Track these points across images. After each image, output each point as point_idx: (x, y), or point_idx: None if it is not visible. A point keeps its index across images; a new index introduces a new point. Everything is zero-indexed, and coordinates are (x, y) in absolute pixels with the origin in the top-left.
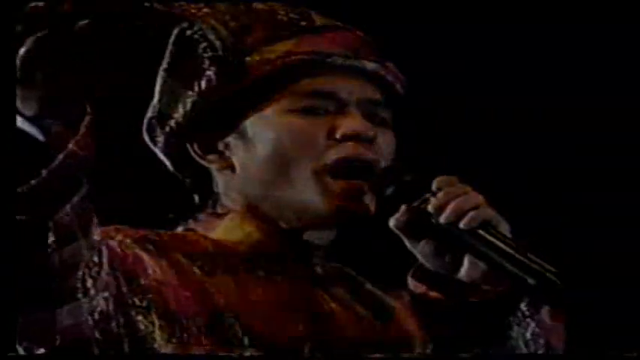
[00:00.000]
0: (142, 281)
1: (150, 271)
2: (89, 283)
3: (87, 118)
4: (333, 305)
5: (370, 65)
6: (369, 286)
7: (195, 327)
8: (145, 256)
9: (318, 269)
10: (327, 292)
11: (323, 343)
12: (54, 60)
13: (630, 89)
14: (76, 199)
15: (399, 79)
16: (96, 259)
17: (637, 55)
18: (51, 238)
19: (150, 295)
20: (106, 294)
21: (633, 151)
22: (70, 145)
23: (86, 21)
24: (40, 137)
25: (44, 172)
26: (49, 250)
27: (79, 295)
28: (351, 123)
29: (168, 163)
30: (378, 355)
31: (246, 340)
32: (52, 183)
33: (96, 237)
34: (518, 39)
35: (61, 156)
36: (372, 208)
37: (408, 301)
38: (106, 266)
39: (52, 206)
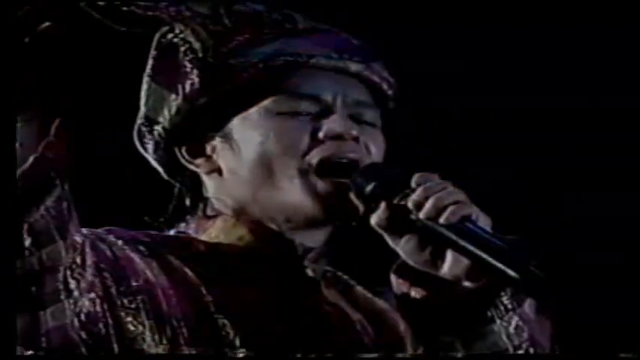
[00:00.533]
0: (132, 282)
1: (141, 273)
2: (72, 284)
3: (57, 120)
4: (326, 307)
5: (354, 66)
6: (359, 288)
7: (186, 328)
8: (136, 258)
9: (310, 271)
10: (319, 293)
11: (315, 344)
12: (23, 61)
13: (626, 89)
14: (49, 201)
15: (386, 80)
16: (78, 260)
17: (632, 56)
18: (27, 241)
19: (140, 297)
20: (92, 295)
21: (625, 150)
22: (41, 148)
23: (49, 23)
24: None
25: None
26: (25, 252)
27: (62, 297)
28: (333, 123)
29: (160, 169)
30: (371, 355)
31: (237, 341)
32: (23, 186)
33: (77, 238)
34: (513, 39)
35: (31, 158)
36: (361, 206)
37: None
38: (91, 267)
39: (24, 207)
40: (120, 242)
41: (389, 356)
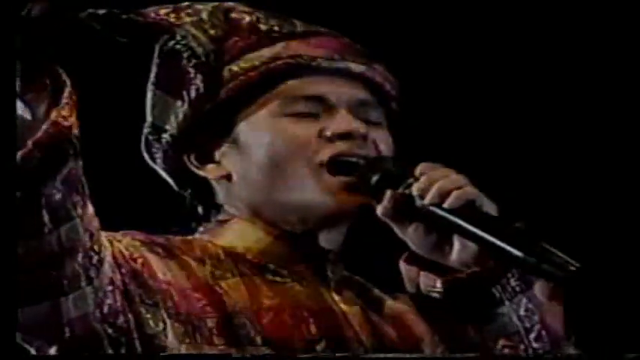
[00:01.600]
0: (150, 282)
1: (159, 274)
2: (92, 271)
3: (67, 90)
4: (344, 307)
5: (356, 67)
6: (377, 291)
7: (207, 328)
8: (154, 259)
9: (329, 273)
10: (337, 294)
11: (334, 343)
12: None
13: (629, 87)
14: (64, 171)
15: (389, 80)
16: (96, 247)
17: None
18: (45, 217)
19: (159, 296)
20: (111, 287)
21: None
22: (53, 116)
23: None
24: (26, 115)
25: (29, 143)
26: (44, 230)
27: (83, 284)
28: (341, 123)
29: (170, 180)
30: (389, 355)
31: (258, 340)
32: (38, 154)
33: (93, 223)
34: (517, 33)
35: (44, 126)
36: (373, 202)
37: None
38: (109, 258)
39: (40, 178)
40: (137, 243)
41: (403, 356)
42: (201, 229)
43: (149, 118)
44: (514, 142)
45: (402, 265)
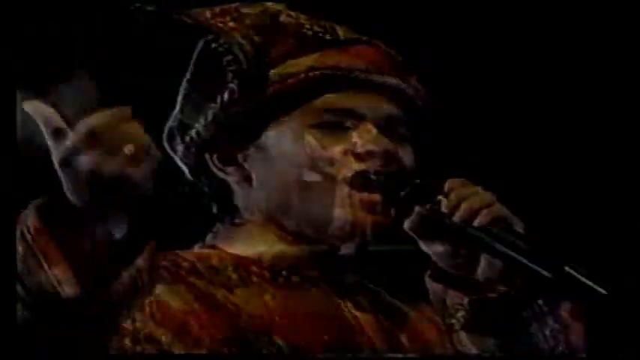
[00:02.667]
0: (166, 321)
1: (172, 303)
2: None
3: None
4: (357, 313)
5: (391, 80)
6: (390, 298)
7: (227, 347)
8: (163, 290)
9: (342, 279)
10: (351, 300)
11: (347, 350)
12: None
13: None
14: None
15: (420, 94)
16: None
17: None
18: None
19: (176, 329)
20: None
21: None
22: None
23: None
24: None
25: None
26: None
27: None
28: (369, 139)
29: (186, 171)
30: (399, 355)
31: (275, 351)
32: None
33: None
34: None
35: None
36: (392, 215)
37: (427, 311)
38: None
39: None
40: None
41: (414, 357)
42: (213, 230)
43: (177, 113)
44: (542, 160)
45: (428, 281)
